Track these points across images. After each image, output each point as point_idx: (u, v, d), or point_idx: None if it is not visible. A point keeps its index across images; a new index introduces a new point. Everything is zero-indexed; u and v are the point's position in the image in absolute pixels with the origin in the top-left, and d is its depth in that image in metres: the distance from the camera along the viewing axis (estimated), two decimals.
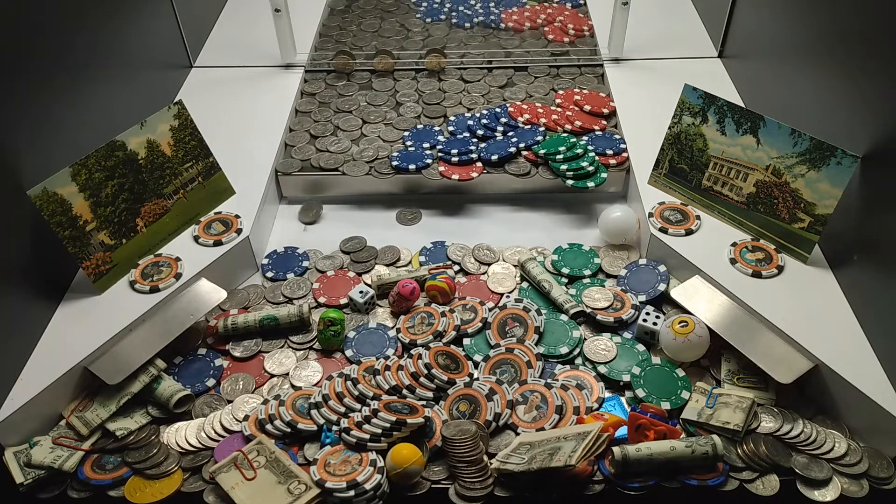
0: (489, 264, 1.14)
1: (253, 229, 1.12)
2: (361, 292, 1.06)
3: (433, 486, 0.86)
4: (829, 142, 0.97)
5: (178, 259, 1.07)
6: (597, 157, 1.22)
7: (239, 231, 1.11)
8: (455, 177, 1.22)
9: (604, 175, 1.19)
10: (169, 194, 1.11)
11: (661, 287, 1.06)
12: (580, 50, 1.53)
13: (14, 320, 0.93)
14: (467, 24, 1.64)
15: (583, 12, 1.66)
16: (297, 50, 1.51)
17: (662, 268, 1.08)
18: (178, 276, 1.04)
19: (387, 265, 1.14)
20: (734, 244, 1.06)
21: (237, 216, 1.14)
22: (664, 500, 0.85)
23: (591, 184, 1.18)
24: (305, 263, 1.14)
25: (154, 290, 1.02)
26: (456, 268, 1.13)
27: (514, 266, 1.13)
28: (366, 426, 0.87)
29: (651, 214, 1.12)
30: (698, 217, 1.11)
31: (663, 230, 1.09)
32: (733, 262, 1.04)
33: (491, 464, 0.86)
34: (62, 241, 0.98)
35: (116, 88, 1.21)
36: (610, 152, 1.23)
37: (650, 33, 1.55)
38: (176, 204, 1.12)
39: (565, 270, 1.10)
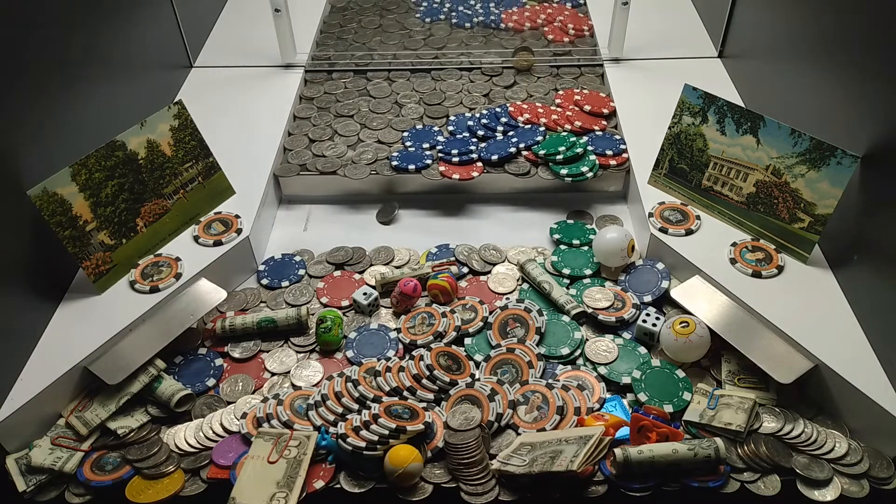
0: (495, 264, 1.14)
1: (253, 229, 1.12)
2: (365, 294, 1.06)
3: (435, 487, 0.86)
4: (829, 142, 0.97)
5: (178, 259, 1.07)
6: (597, 161, 1.22)
7: (239, 231, 1.11)
8: (456, 176, 1.22)
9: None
10: (169, 194, 1.11)
11: (665, 284, 1.06)
12: (581, 50, 1.54)
13: (14, 320, 0.93)
14: (467, 24, 1.64)
15: (583, 12, 1.67)
16: (297, 50, 1.51)
17: (661, 265, 1.09)
18: (178, 276, 1.04)
19: (385, 265, 1.14)
20: (734, 244, 1.06)
21: (237, 216, 1.13)
22: (665, 501, 0.85)
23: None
24: (301, 272, 1.13)
25: (154, 290, 1.02)
26: (464, 269, 1.13)
27: (515, 265, 1.13)
28: (363, 432, 0.86)
29: (651, 214, 1.12)
30: (698, 217, 1.11)
31: (663, 230, 1.09)
32: (733, 262, 1.04)
33: (492, 464, 0.86)
34: (62, 241, 0.98)
35: (116, 88, 1.21)
36: (610, 153, 1.23)
37: (650, 33, 1.55)
38: (176, 204, 1.12)
39: (566, 271, 1.10)
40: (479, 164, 1.24)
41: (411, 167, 1.23)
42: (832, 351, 0.91)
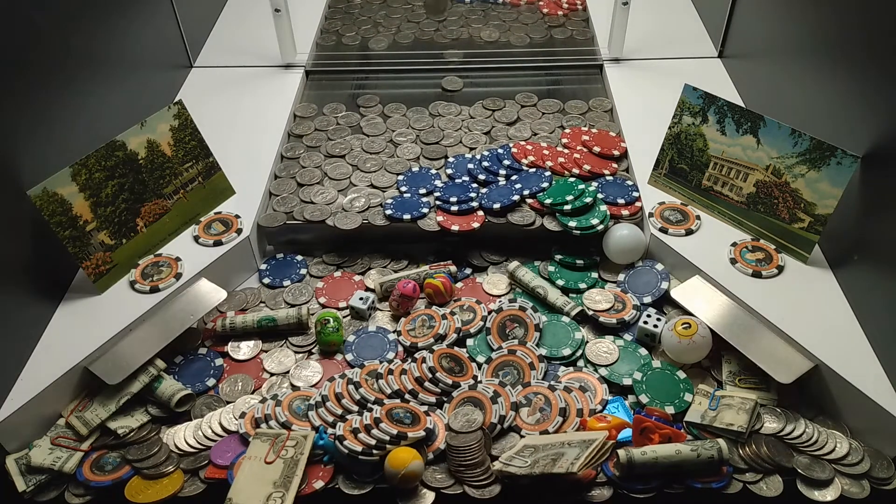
0: (496, 263, 1.13)
1: (253, 229, 1.12)
2: (362, 299, 1.06)
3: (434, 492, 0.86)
4: (829, 142, 0.97)
5: (178, 259, 1.07)
6: (608, 212, 1.11)
7: (239, 231, 1.11)
8: (455, 227, 1.11)
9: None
10: (169, 194, 1.11)
11: (664, 285, 1.06)
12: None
13: (14, 320, 0.93)
14: (467, 0, 1.70)
15: None
16: (297, 50, 1.51)
17: (660, 266, 1.08)
18: (178, 276, 1.04)
19: (384, 267, 1.14)
20: (734, 244, 1.06)
21: (237, 216, 1.13)
22: (668, 502, 0.85)
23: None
24: (303, 271, 1.13)
25: (154, 290, 1.02)
26: (466, 271, 1.13)
27: (504, 274, 1.11)
28: (361, 435, 0.86)
29: (651, 214, 1.12)
30: (698, 217, 1.11)
31: (663, 230, 1.09)
32: (733, 262, 1.04)
33: (493, 465, 0.86)
34: (62, 241, 0.98)
35: (116, 88, 1.21)
36: (622, 201, 1.13)
37: (650, 33, 1.55)
38: (176, 204, 1.12)
39: (560, 282, 1.08)
40: (480, 212, 1.14)
41: (406, 216, 1.12)
42: (832, 351, 0.91)
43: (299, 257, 1.16)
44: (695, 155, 1.12)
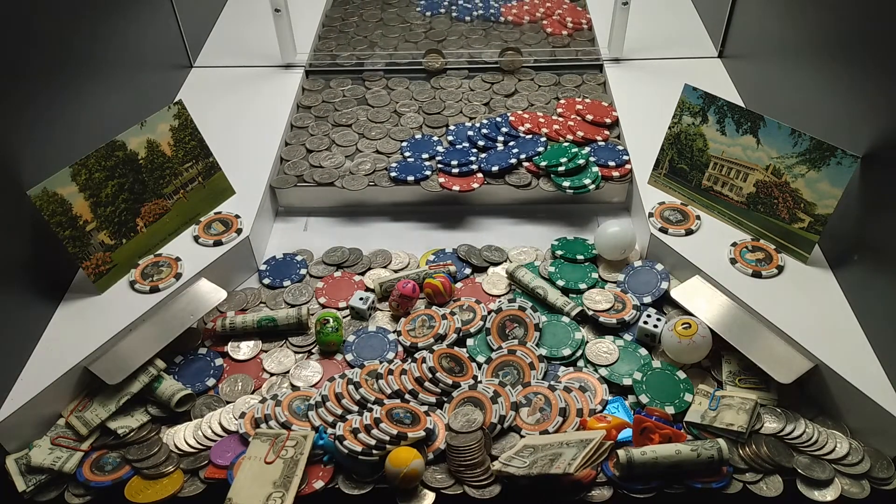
0: (496, 264, 1.13)
1: (253, 229, 1.12)
2: (362, 299, 1.06)
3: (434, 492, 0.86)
4: (829, 142, 0.97)
5: (178, 259, 1.07)
6: (599, 173, 1.19)
7: (239, 231, 1.11)
8: (456, 188, 1.19)
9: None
10: (169, 194, 1.11)
11: (664, 286, 1.06)
12: (578, 43, 1.54)
13: (14, 320, 0.93)
14: (467, 18, 1.67)
15: (581, 5, 1.69)
16: (297, 50, 1.51)
17: (660, 266, 1.08)
18: (178, 276, 1.04)
19: (383, 267, 1.14)
20: (734, 244, 1.06)
21: (237, 216, 1.13)
22: (668, 502, 0.85)
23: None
24: (303, 271, 1.13)
25: (154, 290, 1.02)
26: (466, 270, 1.12)
27: (504, 275, 1.11)
28: (361, 435, 0.86)
29: (651, 214, 1.12)
30: (698, 217, 1.11)
31: (663, 230, 1.09)
32: (733, 262, 1.04)
33: (493, 465, 0.86)
34: (62, 241, 0.98)
35: (116, 88, 1.21)
36: (612, 164, 1.20)
37: (650, 33, 1.55)
38: (176, 204, 1.12)
39: (560, 283, 1.08)
40: (480, 175, 1.22)
41: (410, 178, 1.20)
42: (832, 351, 0.91)
43: (299, 257, 1.16)
44: (695, 155, 1.12)
